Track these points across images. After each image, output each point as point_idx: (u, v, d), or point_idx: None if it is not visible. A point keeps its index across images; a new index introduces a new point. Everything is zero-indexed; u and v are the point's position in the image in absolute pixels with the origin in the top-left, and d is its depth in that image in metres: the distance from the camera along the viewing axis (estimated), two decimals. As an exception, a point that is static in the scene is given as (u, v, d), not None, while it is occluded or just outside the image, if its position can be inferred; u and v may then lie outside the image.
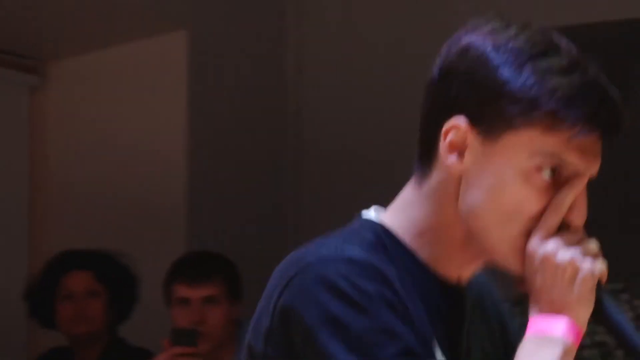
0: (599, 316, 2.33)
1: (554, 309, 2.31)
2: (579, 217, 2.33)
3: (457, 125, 2.31)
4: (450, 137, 2.32)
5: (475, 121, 2.32)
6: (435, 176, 2.35)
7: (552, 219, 2.32)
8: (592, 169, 2.33)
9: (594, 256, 2.31)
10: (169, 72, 6.85)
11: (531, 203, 2.31)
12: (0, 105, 7.03)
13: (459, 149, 2.34)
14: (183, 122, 6.72)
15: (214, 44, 6.96)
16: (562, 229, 2.30)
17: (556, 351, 2.27)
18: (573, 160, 2.29)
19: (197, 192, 6.72)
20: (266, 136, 7.15)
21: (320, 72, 7.50)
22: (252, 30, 7.18)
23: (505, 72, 2.30)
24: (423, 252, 2.39)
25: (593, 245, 2.32)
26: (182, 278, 5.43)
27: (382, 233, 2.41)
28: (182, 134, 6.75)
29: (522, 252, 2.30)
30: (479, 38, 2.34)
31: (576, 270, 2.28)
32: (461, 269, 2.40)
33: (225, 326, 5.49)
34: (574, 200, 2.32)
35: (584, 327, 2.32)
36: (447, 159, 2.33)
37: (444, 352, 2.38)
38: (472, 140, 2.32)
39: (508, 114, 2.28)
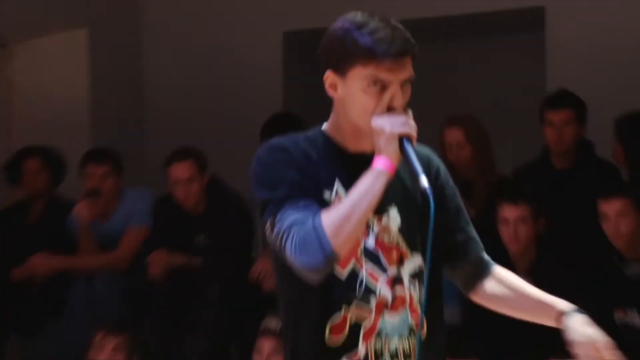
0: (403, 155, 3.01)
1: (379, 155, 3.00)
2: (397, 103, 3.05)
3: (327, 75, 3.12)
4: (327, 82, 3.12)
5: (335, 69, 3.11)
6: (335, 102, 3.16)
7: (380, 107, 3.04)
8: (399, 77, 3.07)
9: (402, 123, 3.03)
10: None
11: (370, 103, 3.06)
12: None
13: (334, 86, 3.12)
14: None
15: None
16: (390, 110, 3.04)
17: (375, 174, 2.99)
18: (384, 76, 3.05)
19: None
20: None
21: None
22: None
23: (345, 38, 3.07)
24: (338, 138, 3.18)
25: (402, 117, 3.04)
26: None
27: (317, 130, 3.22)
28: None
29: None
30: (335, 24, 3.12)
31: (384, 131, 3.01)
32: (361, 144, 3.14)
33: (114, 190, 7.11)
34: (392, 95, 3.06)
35: (395, 162, 3.00)
36: (330, 93, 3.14)
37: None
38: (337, 80, 3.11)
39: (348, 59, 3.06)
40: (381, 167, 2.98)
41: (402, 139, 3.00)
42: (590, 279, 6.01)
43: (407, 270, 3.16)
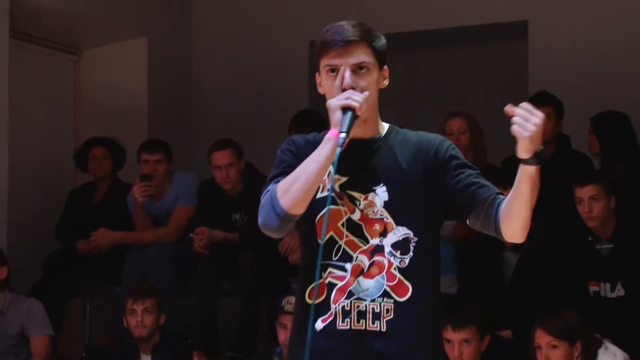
0: (348, 120, 2.87)
1: (332, 128, 2.90)
2: (346, 84, 2.94)
3: (316, 76, 3.08)
4: (317, 82, 3.08)
5: (317, 69, 3.05)
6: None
7: (336, 89, 2.95)
8: (348, 61, 2.94)
9: (343, 98, 2.89)
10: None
11: (331, 88, 2.97)
12: (58, 71, 8.11)
13: (319, 84, 3.07)
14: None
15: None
16: (344, 91, 2.92)
17: (323, 143, 2.90)
18: (334, 62, 2.96)
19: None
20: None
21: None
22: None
23: (318, 41, 3.01)
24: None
25: (346, 93, 2.90)
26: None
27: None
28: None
29: None
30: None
31: (329, 106, 2.92)
32: (353, 133, 2.93)
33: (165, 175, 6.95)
34: (341, 77, 2.95)
35: (341, 132, 2.85)
36: (319, 91, 3.07)
37: (350, 175, 2.96)
38: (318, 78, 3.06)
39: (316, 56, 3.03)
40: (329, 135, 2.86)
41: (345, 110, 2.86)
42: (567, 256, 5.83)
43: (389, 240, 2.94)
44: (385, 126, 3.07)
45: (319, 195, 2.93)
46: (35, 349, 6.06)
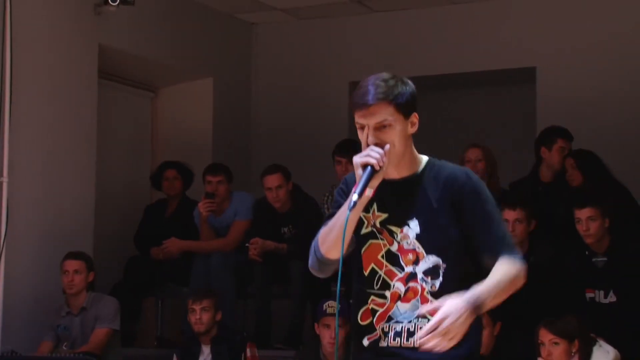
0: (365, 177, 2.75)
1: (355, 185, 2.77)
2: (370, 141, 2.81)
3: None
4: None
5: None
6: None
7: (363, 145, 2.83)
8: (371, 121, 2.81)
9: (363, 155, 2.77)
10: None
11: (362, 141, 2.85)
12: (138, 106, 8.16)
13: None
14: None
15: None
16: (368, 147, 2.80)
17: (351, 200, 2.74)
18: (360, 121, 2.84)
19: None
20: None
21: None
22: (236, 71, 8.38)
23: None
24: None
25: (366, 150, 2.78)
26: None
27: None
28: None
29: None
30: None
31: (354, 163, 2.80)
32: (388, 174, 2.84)
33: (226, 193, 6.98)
34: (365, 134, 2.83)
35: (365, 189, 2.74)
36: None
37: (389, 211, 2.87)
38: None
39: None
40: (355, 193, 2.75)
41: (365, 166, 2.76)
42: (567, 267, 5.83)
43: (421, 268, 2.86)
44: (424, 161, 2.95)
45: (362, 232, 2.90)
46: (93, 338, 5.94)
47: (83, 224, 6.74)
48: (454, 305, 2.63)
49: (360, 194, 2.73)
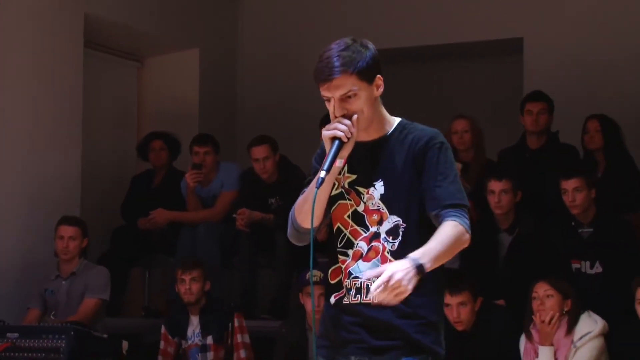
0: (332, 152, 2.79)
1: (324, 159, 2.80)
2: (337, 112, 2.83)
3: None
4: None
5: None
6: None
7: (331, 117, 2.85)
8: (335, 94, 2.81)
9: (331, 127, 2.81)
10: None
11: (330, 112, 2.86)
12: (125, 76, 8.12)
13: None
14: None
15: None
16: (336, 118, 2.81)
17: (319, 177, 2.78)
18: (325, 94, 2.84)
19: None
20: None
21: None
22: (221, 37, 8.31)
23: None
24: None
25: (333, 123, 2.82)
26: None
27: None
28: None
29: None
30: None
31: (323, 137, 2.83)
32: (360, 137, 2.89)
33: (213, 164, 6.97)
34: (332, 107, 2.83)
35: (333, 163, 2.78)
36: None
37: (358, 172, 2.91)
38: None
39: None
40: (326, 164, 2.80)
41: (333, 139, 2.80)
42: (552, 238, 5.84)
43: (384, 228, 2.89)
44: (395, 122, 2.97)
45: (333, 193, 2.93)
46: (82, 308, 5.91)
47: (69, 193, 6.73)
48: (399, 264, 2.66)
49: (329, 169, 2.77)
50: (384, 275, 2.65)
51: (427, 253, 2.71)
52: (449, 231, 2.78)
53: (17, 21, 6.37)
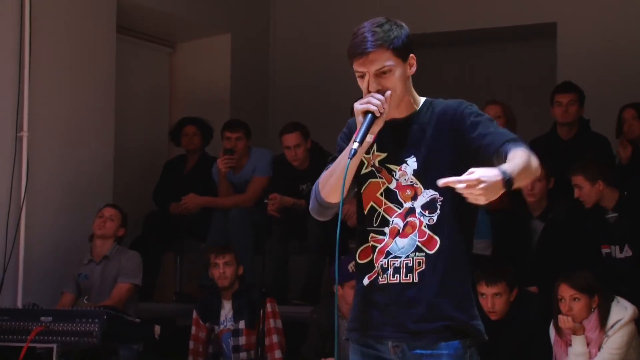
0: (365, 124, 2.77)
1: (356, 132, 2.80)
2: (371, 87, 2.83)
3: None
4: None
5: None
6: None
7: (364, 92, 2.84)
8: (370, 69, 2.82)
9: (363, 102, 2.79)
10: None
11: (363, 88, 2.85)
12: (156, 61, 8.22)
13: None
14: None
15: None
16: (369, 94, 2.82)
17: (352, 148, 2.77)
18: (359, 69, 2.85)
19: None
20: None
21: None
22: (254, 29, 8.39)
23: None
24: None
25: (366, 97, 2.81)
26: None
27: None
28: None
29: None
30: None
31: (355, 110, 2.81)
32: (392, 115, 2.89)
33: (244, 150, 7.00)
34: (365, 82, 2.84)
35: (366, 136, 2.78)
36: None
37: (388, 150, 2.92)
38: None
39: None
40: (355, 138, 2.78)
41: (366, 113, 2.78)
42: (583, 224, 5.83)
43: (419, 202, 2.87)
44: (421, 101, 2.97)
45: (362, 172, 2.93)
46: (115, 292, 5.97)
47: (102, 178, 6.81)
48: (490, 171, 2.58)
49: (361, 142, 2.77)
50: (472, 175, 2.57)
51: (515, 168, 2.63)
52: (523, 155, 2.70)
53: (51, 8, 6.44)
